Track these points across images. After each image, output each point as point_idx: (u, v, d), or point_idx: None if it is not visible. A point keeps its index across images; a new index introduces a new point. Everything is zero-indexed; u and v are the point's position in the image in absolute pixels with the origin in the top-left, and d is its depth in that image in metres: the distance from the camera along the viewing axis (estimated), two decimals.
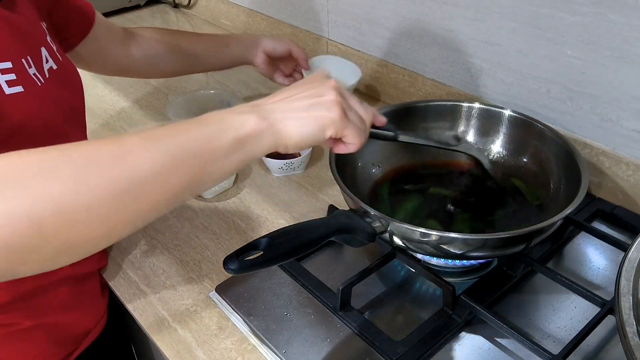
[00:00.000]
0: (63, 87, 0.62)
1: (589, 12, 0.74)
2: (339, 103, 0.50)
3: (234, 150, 0.46)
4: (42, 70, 0.58)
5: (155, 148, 0.42)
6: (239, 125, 0.46)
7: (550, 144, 0.77)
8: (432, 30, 0.97)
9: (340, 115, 0.50)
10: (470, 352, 0.61)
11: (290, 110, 0.49)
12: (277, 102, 0.50)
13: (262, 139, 0.47)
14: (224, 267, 0.50)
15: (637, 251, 0.55)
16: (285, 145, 0.49)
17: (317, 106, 0.50)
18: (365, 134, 0.54)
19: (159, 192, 0.42)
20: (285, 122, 0.48)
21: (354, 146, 0.53)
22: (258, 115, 0.48)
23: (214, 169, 0.45)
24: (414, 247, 0.63)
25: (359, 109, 0.54)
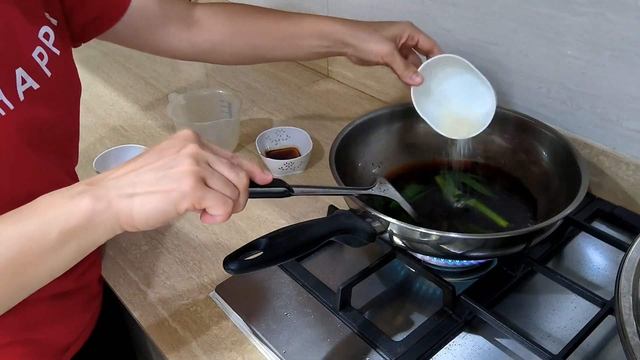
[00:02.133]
0: (46, 106, 0.57)
1: (589, 12, 0.74)
2: (193, 172, 0.43)
3: (64, 242, 0.41)
4: (15, 94, 0.53)
5: None
6: (68, 214, 0.41)
7: (550, 144, 0.77)
8: (432, 30, 0.97)
9: (193, 186, 0.43)
10: (470, 352, 0.61)
11: (133, 186, 0.43)
12: (120, 177, 0.44)
13: (100, 225, 0.42)
14: (224, 267, 0.50)
15: (637, 251, 0.55)
16: (132, 225, 0.43)
17: (165, 179, 0.43)
18: (237, 200, 0.47)
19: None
20: (127, 200, 0.43)
21: (220, 217, 0.46)
22: (93, 196, 0.42)
23: (41, 268, 0.42)
24: (414, 247, 0.64)
25: (226, 173, 0.46)
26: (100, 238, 0.43)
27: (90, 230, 0.42)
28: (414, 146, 0.85)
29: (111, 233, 0.44)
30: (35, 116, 0.56)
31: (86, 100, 1.17)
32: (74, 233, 0.42)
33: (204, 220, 0.47)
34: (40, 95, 0.56)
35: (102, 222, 0.42)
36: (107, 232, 0.43)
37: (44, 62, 0.58)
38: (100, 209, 0.42)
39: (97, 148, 1.00)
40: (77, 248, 0.43)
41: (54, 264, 0.42)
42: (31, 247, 0.41)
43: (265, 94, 1.19)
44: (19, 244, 0.41)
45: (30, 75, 0.55)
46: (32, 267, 0.41)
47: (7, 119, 0.52)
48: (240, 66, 1.31)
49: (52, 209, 0.42)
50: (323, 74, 1.26)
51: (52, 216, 0.41)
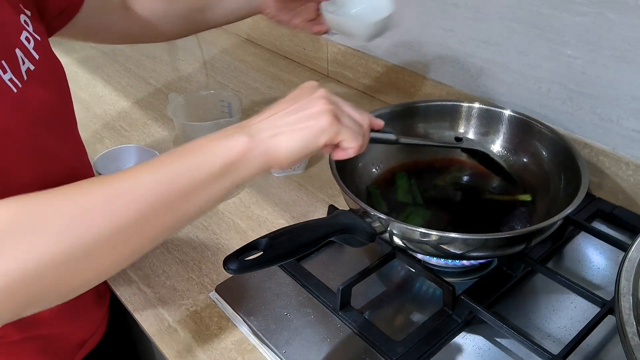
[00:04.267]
0: (43, 87, 0.59)
1: (589, 12, 0.74)
2: (329, 111, 0.50)
3: (223, 175, 0.45)
4: (20, 73, 0.56)
5: (142, 190, 0.42)
6: (227, 149, 0.46)
7: (550, 144, 0.77)
8: (432, 30, 0.97)
9: (331, 121, 0.49)
10: (470, 352, 0.61)
11: (278, 127, 0.48)
12: (264, 120, 0.49)
13: (253, 160, 0.47)
14: (224, 267, 0.50)
15: (637, 251, 0.55)
16: (278, 162, 0.48)
17: (305, 118, 0.49)
18: (363, 136, 0.53)
19: (150, 230, 0.43)
20: (274, 139, 0.48)
21: (352, 150, 0.52)
22: (247, 135, 0.47)
23: (202, 198, 0.45)
24: (414, 247, 0.64)
25: (352, 113, 0.53)
26: (250, 174, 0.47)
27: (244, 165, 0.46)
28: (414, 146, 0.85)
29: (259, 169, 0.48)
30: (38, 96, 0.58)
31: (86, 100, 1.17)
32: (232, 166, 0.46)
33: (336, 156, 0.53)
34: (37, 76, 0.59)
35: (254, 158, 0.47)
36: (256, 168, 0.47)
37: (31, 45, 0.60)
38: (254, 145, 0.47)
39: (97, 148, 1.00)
40: (232, 181, 0.46)
41: (211, 194, 0.46)
42: (196, 180, 0.44)
43: (265, 94, 1.19)
44: (189, 174, 0.44)
45: (25, 57, 0.58)
46: (196, 196, 0.45)
47: (18, 96, 0.55)
48: (240, 66, 1.31)
49: (213, 146, 0.46)
50: (323, 74, 1.26)
51: (215, 151, 0.46)
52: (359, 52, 1.13)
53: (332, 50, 1.20)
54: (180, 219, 0.45)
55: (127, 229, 0.41)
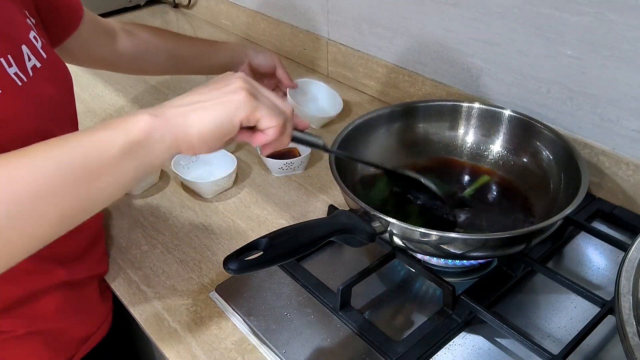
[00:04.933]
0: (49, 84, 0.60)
1: (589, 12, 0.74)
2: (245, 88, 0.47)
3: (126, 155, 0.43)
4: (25, 69, 0.57)
5: (40, 164, 0.41)
6: (129, 127, 0.43)
7: (550, 144, 0.77)
8: (432, 30, 0.97)
9: (246, 96, 0.46)
10: (470, 352, 0.61)
11: (190, 104, 0.46)
12: (178, 99, 0.47)
13: (159, 139, 0.44)
14: (224, 267, 0.50)
15: (637, 251, 0.55)
16: (189, 141, 0.45)
17: (220, 95, 0.46)
18: (285, 119, 0.49)
19: (49, 212, 0.42)
20: (184, 117, 0.45)
21: (273, 130, 0.48)
22: (151, 113, 0.44)
23: (104, 181, 0.43)
24: (414, 247, 0.63)
25: (271, 97, 0.50)
26: (157, 156, 0.45)
27: (149, 145, 0.44)
28: (414, 146, 0.85)
29: (168, 151, 0.45)
30: (42, 92, 0.59)
31: (86, 100, 1.17)
32: (135, 147, 0.43)
33: (256, 139, 0.49)
34: (43, 73, 0.59)
35: (160, 138, 0.44)
36: (164, 149, 0.45)
37: (39, 44, 0.61)
38: (159, 123, 0.44)
39: None
40: (137, 163, 0.44)
41: (115, 178, 0.44)
42: (95, 157, 0.42)
43: None
44: (85, 152, 0.42)
45: (32, 54, 0.59)
46: (95, 178, 0.43)
47: (23, 90, 0.55)
48: None
49: (114, 125, 0.44)
50: (323, 74, 1.26)
51: (115, 130, 0.43)
52: (359, 52, 1.13)
53: (332, 50, 1.20)
54: (84, 203, 0.43)
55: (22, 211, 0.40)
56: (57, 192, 0.41)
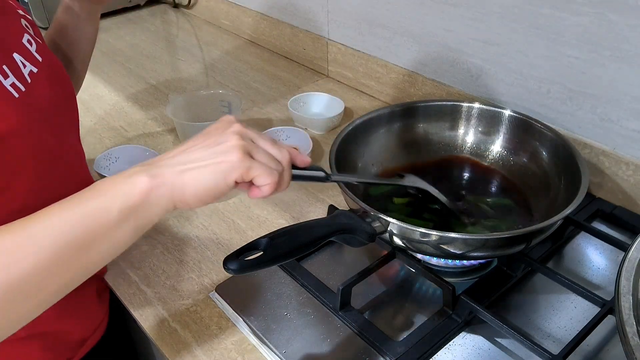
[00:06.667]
0: (48, 88, 0.60)
1: (589, 12, 0.74)
2: (240, 146, 0.47)
3: (124, 220, 0.43)
4: (22, 77, 0.56)
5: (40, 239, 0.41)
6: (127, 191, 0.43)
7: (550, 144, 0.77)
8: (432, 30, 0.97)
9: (241, 157, 0.46)
10: (470, 352, 0.61)
11: (185, 163, 0.46)
12: (171, 157, 0.47)
13: (156, 201, 0.44)
14: (224, 267, 0.50)
15: (637, 251, 0.55)
16: (184, 201, 0.46)
17: (214, 154, 0.46)
18: (280, 174, 0.49)
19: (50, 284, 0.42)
20: (179, 176, 0.45)
21: (267, 187, 0.48)
22: (148, 174, 0.44)
23: (102, 247, 0.43)
24: (414, 247, 0.63)
25: (269, 149, 0.49)
26: (155, 216, 0.45)
27: (147, 208, 0.44)
28: (414, 146, 0.85)
29: (165, 210, 0.45)
30: (42, 97, 0.58)
31: (86, 100, 1.17)
32: (133, 210, 0.43)
33: (252, 194, 0.49)
34: (41, 77, 0.59)
35: (157, 199, 0.44)
36: (161, 209, 0.45)
37: (33, 48, 0.60)
38: (156, 185, 0.44)
39: (97, 148, 1.00)
40: (135, 225, 0.44)
41: (114, 242, 0.44)
42: (94, 226, 0.42)
43: (265, 94, 1.19)
44: (84, 223, 0.42)
45: (26, 60, 0.58)
46: (95, 245, 0.43)
47: (21, 101, 0.54)
48: (240, 66, 1.31)
49: (111, 189, 0.44)
50: (323, 74, 1.26)
51: (112, 195, 0.43)
52: (359, 52, 1.13)
53: (332, 50, 1.20)
54: (83, 269, 0.44)
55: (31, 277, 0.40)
56: (58, 263, 0.42)
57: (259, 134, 0.50)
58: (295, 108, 1.05)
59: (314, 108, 1.09)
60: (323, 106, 1.08)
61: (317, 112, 1.08)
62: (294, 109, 1.04)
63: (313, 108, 1.09)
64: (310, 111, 1.08)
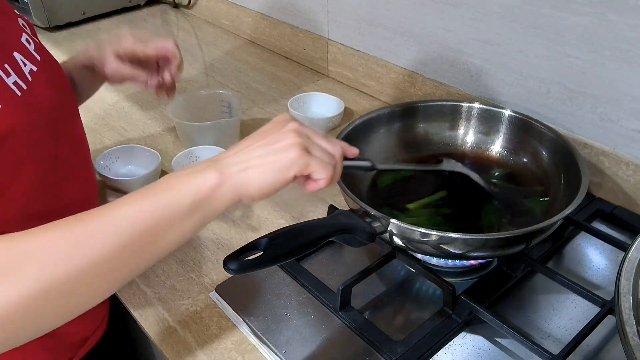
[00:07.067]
0: (48, 87, 0.60)
1: (589, 12, 0.74)
2: (298, 144, 0.50)
3: (193, 212, 0.46)
4: (24, 75, 0.57)
5: (112, 230, 0.42)
6: (197, 186, 0.46)
7: (550, 144, 0.77)
8: (432, 30, 0.97)
9: (300, 154, 0.49)
10: (470, 352, 0.61)
11: (247, 161, 0.49)
12: (235, 154, 0.50)
13: (222, 195, 0.47)
14: (224, 267, 0.50)
15: (637, 251, 0.55)
16: (249, 196, 0.48)
17: (275, 152, 0.49)
18: (335, 167, 0.52)
19: (120, 269, 0.43)
20: (243, 173, 0.48)
21: (324, 181, 0.51)
22: (217, 170, 0.47)
23: (172, 236, 0.45)
24: (414, 247, 0.63)
25: (323, 144, 0.53)
26: (220, 208, 0.47)
27: (214, 201, 0.46)
28: (413, 146, 0.85)
29: (230, 203, 0.48)
30: (44, 95, 0.59)
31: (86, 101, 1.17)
32: (202, 203, 0.46)
33: (308, 187, 0.52)
34: (41, 76, 0.59)
35: (224, 194, 0.47)
36: (226, 203, 0.47)
37: (31, 47, 0.61)
38: (223, 181, 0.47)
39: (97, 148, 1.00)
40: (202, 217, 0.46)
41: (182, 232, 0.46)
42: (166, 216, 0.44)
43: (265, 94, 1.19)
44: (156, 214, 0.44)
45: (26, 59, 0.59)
46: (164, 235, 0.45)
47: (23, 99, 0.55)
48: (240, 66, 1.31)
49: (183, 182, 0.46)
50: (323, 74, 1.26)
51: (184, 189, 0.46)
52: (359, 52, 1.13)
53: (332, 50, 1.20)
54: (151, 257, 0.45)
55: (97, 268, 0.42)
56: (129, 251, 0.43)
57: (313, 130, 0.53)
58: (295, 108, 1.05)
59: (314, 108, 1.09)
60: (323, 106, 1.08)
61: (317, 112, 1.08)
62: (294, 109, 1.04)
63: (313, 108, 1.09)
64: (310, 111, 1.08)
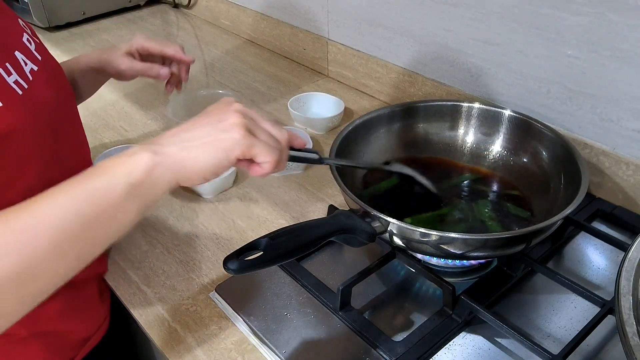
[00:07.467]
0: (47, 86, 0.61)
1: (589, 12, 0.74)
2: (242, 124, 0.48)
3: (129, 196, 0.43)
4: (24, 74, 0.57)
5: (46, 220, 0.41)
6: (131, 168, 0.44)
7: (550, 144, 0.77)
8: (432, 30, 0.97)
9: (243, 134, 0.47)
10: (470, 352, 0.61)
11: (186, 140, 0.47)
12: (174, 135, 0.48)
13: (160, 178, 0.45)
14: (224, 267, 0.50)
15: (637, 251, 0.55)
16: (187, 177, 0.46)
17: (218, 132, 0.47)
18: (280, 151, 0.50)
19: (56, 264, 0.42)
20: (182, 153, 0.46)
21: (268, 164, 0.49)
22: (151, 151, 0.45)
23: (108, 224, 0.43)
24: (414, 247, 0.63)
25: (269, 128, 0.51)
26: (158, 192, 0.45)
27: (151, 184, 0.45)
28: (414, 146, 0.85)
29: (168, 187, 0.46)
30: (44, 94, 0.59)
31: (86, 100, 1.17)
32: (137, 187, 0.44)
33: (253, 171, 0.50)
34: (41, 76, 0.59)
35: (161, 176, 0.45)
36: (164, 186, 0.46)
37: (32, 46, 0.61)
38: (158, 162, 0.45)
39: (97, 148, 1.00)
40: (140, 202, 0.45)
41: (119, 219, 0.44)
42: (100, 203, 0.43)
43: (265, 94, 1.19)
44: (90, 200, 0.43)
45: (27, 58, 0.59)
46: (101, 223, 0.43)
47: (24, 98, 0.55)
48: (240, 66, 1.31)
49: (115, 167, 0.44)
50: (323, 74, 1.26)
51: (116, 173, 0.44)
52: (359, 52, 1.13)
53: (332, 50, 1.20)
54: (89, 249, 0.44)
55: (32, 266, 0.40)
56: (66, 242, 0.42)
57: (258, 113, 0.51)
58: (295, 108, 1.05)
59: (314, 108, 1.09)
60: (323, 106, 1.08)
61: (317, 112, 1.08)
62: (294, 109, 1.04)
63: (313, 108, 1.09)
64: (310, 111, 1.08)
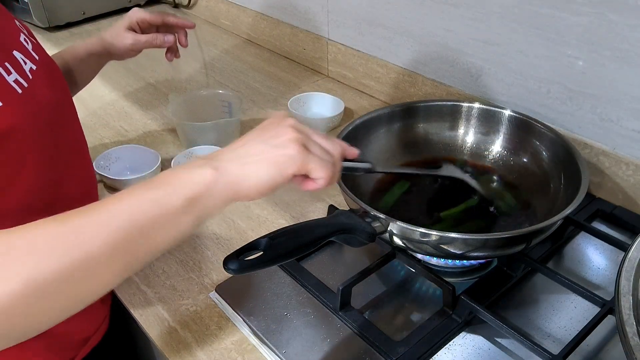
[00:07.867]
0: (46, 85, 0.61)
1: (589, 12, 0.74)
2: (297, 139, 0.48)
3: (188, 209, 0.44)
4: (24, 73, 0.57)
5: (102, 227, 0.41)
6: (192, 183, 0.45)
7: (550, 144, 0.77)
8: (432, 30, 0.97)
9: (299, 150, 0.48)
10: (470, 352, 0.61)
11: (244, 157, 0.47)
12: (232, 150, 0.49)
13: (218, 192, 0.46)
14: (224, 267, 0.50)
15: (637, 251, 0.55)
16: (245, 194, 0.47)
17: (273, 148, 0.48)
18: (334, 166, 0.51)
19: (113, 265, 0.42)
20: (240, 169, 0.47)
21: (322, 180, 0.50)
22: (212, 167, 0.46)
23: (166, 233, 0.44)
24: (414, 247, 0.63)
25: (322, 142, 0.51)
26: (216, 207, 0.46)
27: (209, 199, 0.45)
28: (414, 146, 0.85)
29: (225, 202, 0.47)
30: (44, 94, 0.59)
31: (86, 100, 1.17)
32: (196, 200, 0.45)
33: (306, 186, 0.51)
34: (40, 75, 0.60)
35: (219, 191, 0.46)
36: (222, 201, 0.46)
37: (29, 46, 0.61)
38: (219, 177, 0.45)
39: (97, 148, 1.00)
40: (197, 215, 0.45)
41: (175, 230, 0.45)
42: (159, 212, 0.43)
43: (265, 94, 1.19)
44: (149, 210, 0.43)
45: (26, 58, 0.59)
46: (159, 232, 0.44)
47: (24, 97, 0.55)
48: (240, 66, 1.31)
49: (177, 179, 0.45)
50: (323, 74, 1.26)
51: (178, 185, 0.45)
52: (359, 52, 1.13)
53: (332, 50, 1.20)
54: (145, 254, 0.44)
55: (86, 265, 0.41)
56: (122, 246, 0.42)
57: (312, 129, 0.52)
58: (295, 108, 1.05)
59: (314, 108, 1.09)
60: (323, 106, 1.08)
61: (317, 112, 1.08)
62: (294, 109, 1.04)
63: (313, 108, 1.09)
64: (310, 111, 1.08)
